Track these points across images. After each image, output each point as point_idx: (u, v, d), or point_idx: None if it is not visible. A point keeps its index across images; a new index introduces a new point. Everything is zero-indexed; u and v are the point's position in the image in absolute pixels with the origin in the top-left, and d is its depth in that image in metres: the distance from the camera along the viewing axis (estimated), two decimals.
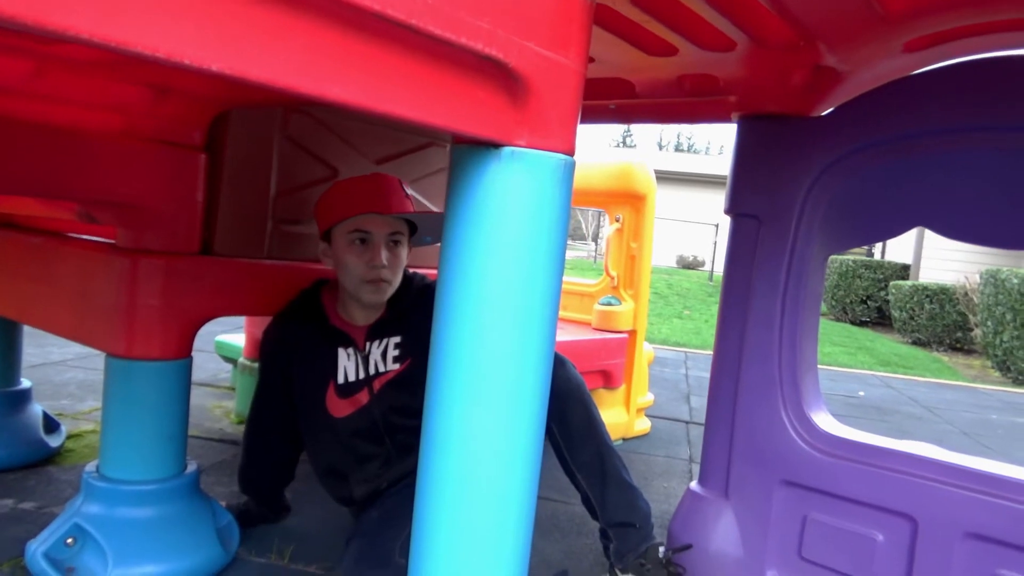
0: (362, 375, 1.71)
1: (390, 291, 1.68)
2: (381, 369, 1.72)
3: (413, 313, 1.72)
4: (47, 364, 3.64)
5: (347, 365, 1.70)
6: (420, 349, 1.69)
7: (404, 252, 1.69)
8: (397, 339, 1.73)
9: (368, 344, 1.71)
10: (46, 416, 2.37)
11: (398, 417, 1.72)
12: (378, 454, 1.73)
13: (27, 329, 2.39)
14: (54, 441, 2.34)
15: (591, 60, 1.70)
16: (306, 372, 1.72)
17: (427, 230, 1.75)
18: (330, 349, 1.69)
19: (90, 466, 1.69)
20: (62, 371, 3.52)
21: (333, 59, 0.75)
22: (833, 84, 1.63)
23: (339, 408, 1.71)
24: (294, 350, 1.72)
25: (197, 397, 3.23)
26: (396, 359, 1.73)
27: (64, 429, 2.45)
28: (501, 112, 0.96)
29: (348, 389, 1.70)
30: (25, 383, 2.36)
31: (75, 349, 3.97)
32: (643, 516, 1.73)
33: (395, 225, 1.65)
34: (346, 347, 1.70)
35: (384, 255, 1.62)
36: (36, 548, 1.58)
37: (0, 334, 2.29)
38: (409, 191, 1.70)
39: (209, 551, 1.66)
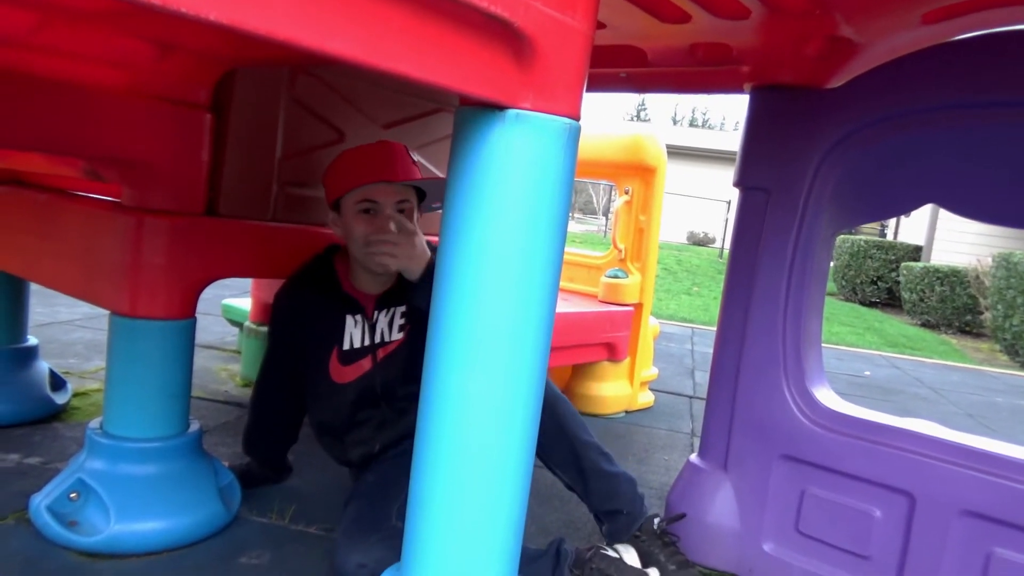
0: (367, 342, 1.72)
1: None
2: (387, 338, 1.73)
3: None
4: (55, 323, 3.67)
5: (353, 332, 1.70)
6: (423, 316, 1.69)
7: (414, 219, 1.68)
8: (403, 308, 1.74)
9: (376, 313, 1.72)
10: (52, 374, 2.39)
11: (398, 385, 1.74)
12: (373, 417, 1.75)
13: (36, 288, 2.40)
14: (60, 398, 2.36)
15: (602, 26, 1.67)
16: (313, 336, 1.72)
17: (435, 196, 1.74)
18: (338, 315, 1.70)
19: (94, 423, 1.71)
20: (70, 331, 3.55)
21: (334, 12, 0.74)
22: (848, 55, 1.60)
23: (341, 374, 1.72)
24: (304, 314, 1.72)
25: (203, 359, 3.25)
26: (401, 328, 1.74)
27: (70, 387, 2.47)
28: (506, 73, 0.95)
29: (352, 356, 1.71)
30: (32, 340, 2.38)
31: (83, 309, 3.99)
32: (628, 501, 1.72)
33: (403, 193, 1.63)
34: (354, 314, 1.70)
35: (392, 224, 1.60)
36: (40, 502, 1.60)
37: (7, 291, 2.30)
38: (416, 157, 1.68)
39: (210, 509, 1.68)
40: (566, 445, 1.68)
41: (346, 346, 1.71)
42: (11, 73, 1.38)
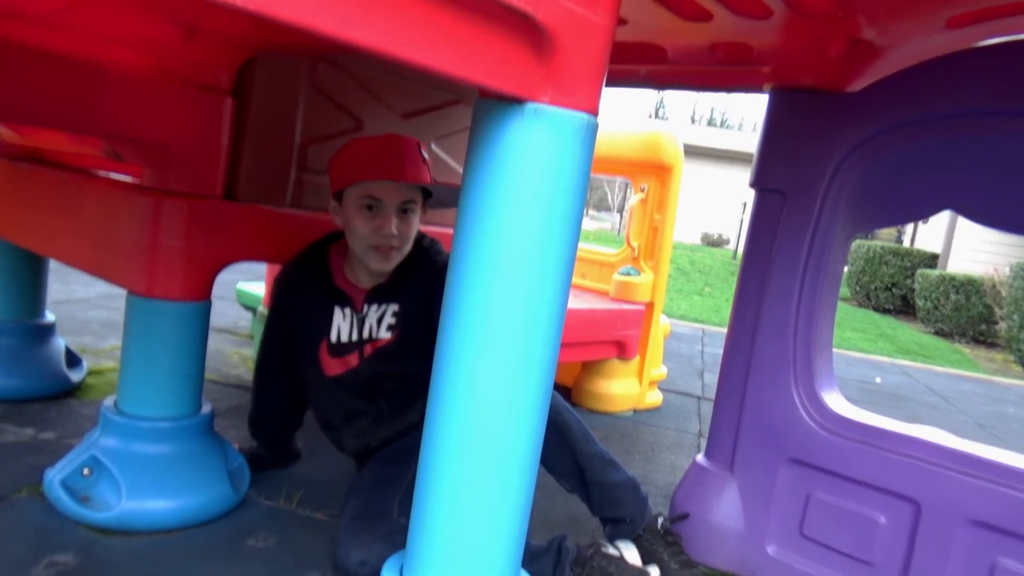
0: (355, 337, 1.69)
1: (398, 258, 1.64)
2: (374, 335, 1.69)
3: (417, 282, 1.68)
4: (72, 301, 3.71)
5: (341, 325, 1.68)
6: (414, 320, 1.68)
7: (416, 219, 1.64)
8: (396, 307, 1.69)
9: (366, 307, 1.68)
10: (68, 351, 2.42)
11: (386, 381, 1.72)
12: (368, 411, 1.74)
13: (54, 266, 2.43)
14: (75, 375, 2.39)
15: (623, 22, 1.67)
16: (304, 326, 1.72)
17: (443, 199, 1.71)
18: (328, 306, 1.68)
19: (108, 400, 1.73)
20: (86, 309, 3.59)
21: (356, 1, 0.74)
22: (870, 59, 1.59)
23: (331, 366, 1.71)
24: (296, 302, 1.72)
25: (216, 343, 3.28)
26: (390, 327, 1.69)
27: (85, 364, 2.51)
28: (526, 67, 0.95)
29: (340, 349, 1.70)
30: (49, 317, 2.41)
31: (100, 288, 4.04)
32: (631, 509, 1.70)
33: (408, 193, 1.59)
34: (343, 307, 1.68)
35: (394, 223, 1.57)
36: (54, 476, 1.63)
37: (26, 268, 2.33)
38: (427, 155, 1.64)
39: (220, 490, 1.70)
40: (569, 457, 1.65)
41: (334, 339, 1.69)
42: (38, 52, 1.40)
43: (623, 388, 3.20)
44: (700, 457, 1.91)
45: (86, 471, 1.63)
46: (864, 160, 1.63)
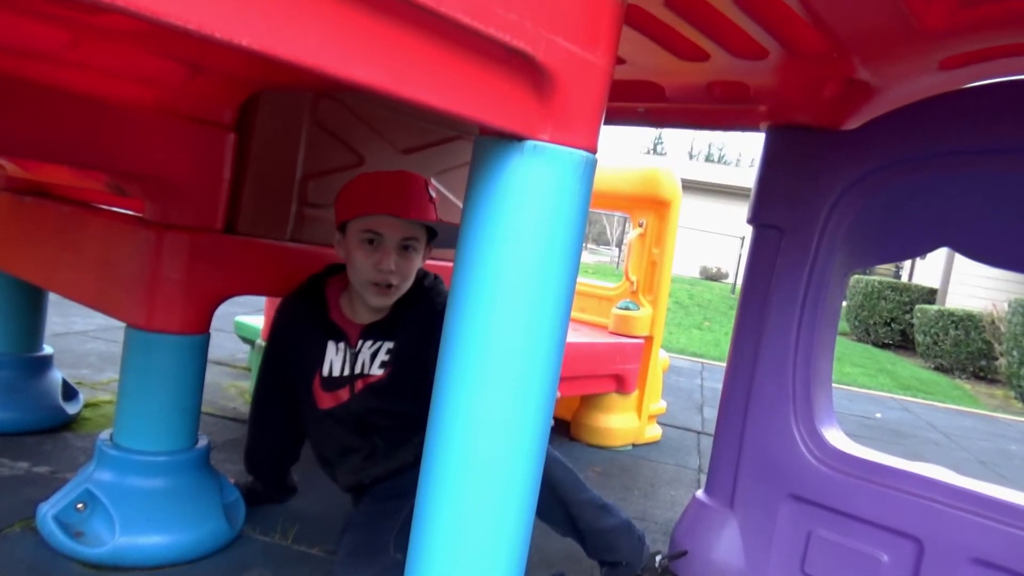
0: (347, 372, 1.68)
1: (396, 295, 1.64)
2: (366, 371, 1.68)
3: (415, 321, 1.68)
4: (70, 334, 3.70)
5: (334, 359, 1.68)
6: (409, 359, 1.68)
7: (417, 258, 1.64)
8: (391, 345, 1.69)
9: (360, 342, 1.68)
10: (65, 383, 2.41)
11: (379, 418, 1.71)
12: (361, 447, 1.72)
13: (52, 299, 2.43)
14: (71, 408, 2.37)
15: (622, 62, 1.69)
16: (300, 359, 1.72)
17: (447, 239, 1.71)
18: (322, 340, 1.68)
19: (104, 434, 1.72)
20: (84, 341, 3.58)
21: (360, 41, 0.76)
22: (865, 98, 1.62)
23: (323, 400, 1.71)
24: (294, 335, 1.72)
25: (213, 376, 3.26)
26: (383, 364, 1.69)
27: (82, 397, 2.49)
28: (526, 105, 0.97)
29: (332, 383, 1.69)
30: (47, 349, 2.40)
31: (98, 321, 4.03)
32: (627, 552, 1.69)
33: (410, 230, 1.59)
34: (337, 341, 1.67)
35: (393, 259, 1.57)
36: (47, 511, 1.61)
37: (26, 300, 2.33)
38: (434, 193, 1.64)
39: (215, 525, 1.69)
40: (561, 509, 1.64)
41: (326, 372, 1.68)
42: (44, 87, 1.42)
43: (622, 422, 3.19)
44: (700, 493, 1.89)
45: (80, 506, 1.61)
46: (860, 197, 1.65)
